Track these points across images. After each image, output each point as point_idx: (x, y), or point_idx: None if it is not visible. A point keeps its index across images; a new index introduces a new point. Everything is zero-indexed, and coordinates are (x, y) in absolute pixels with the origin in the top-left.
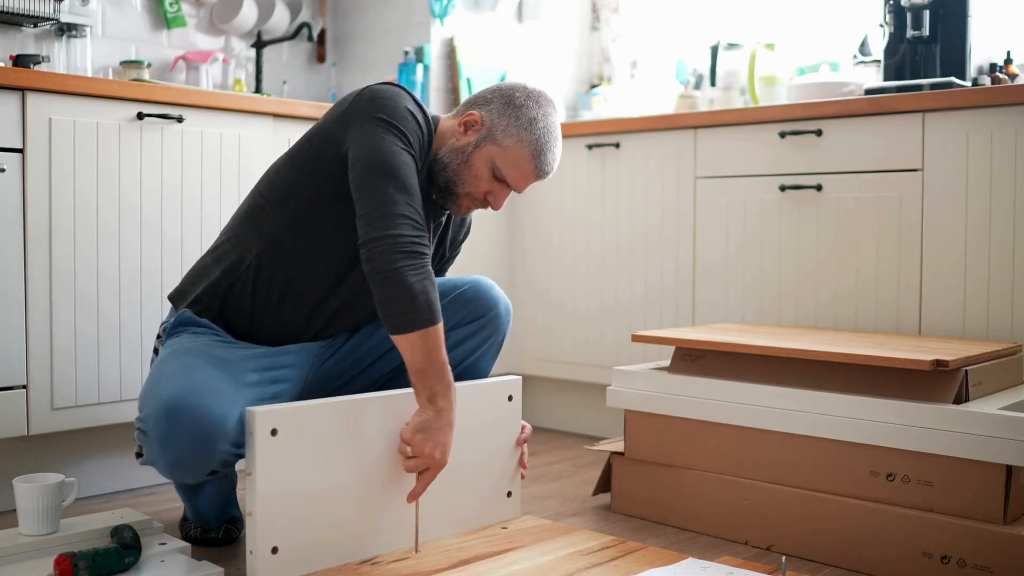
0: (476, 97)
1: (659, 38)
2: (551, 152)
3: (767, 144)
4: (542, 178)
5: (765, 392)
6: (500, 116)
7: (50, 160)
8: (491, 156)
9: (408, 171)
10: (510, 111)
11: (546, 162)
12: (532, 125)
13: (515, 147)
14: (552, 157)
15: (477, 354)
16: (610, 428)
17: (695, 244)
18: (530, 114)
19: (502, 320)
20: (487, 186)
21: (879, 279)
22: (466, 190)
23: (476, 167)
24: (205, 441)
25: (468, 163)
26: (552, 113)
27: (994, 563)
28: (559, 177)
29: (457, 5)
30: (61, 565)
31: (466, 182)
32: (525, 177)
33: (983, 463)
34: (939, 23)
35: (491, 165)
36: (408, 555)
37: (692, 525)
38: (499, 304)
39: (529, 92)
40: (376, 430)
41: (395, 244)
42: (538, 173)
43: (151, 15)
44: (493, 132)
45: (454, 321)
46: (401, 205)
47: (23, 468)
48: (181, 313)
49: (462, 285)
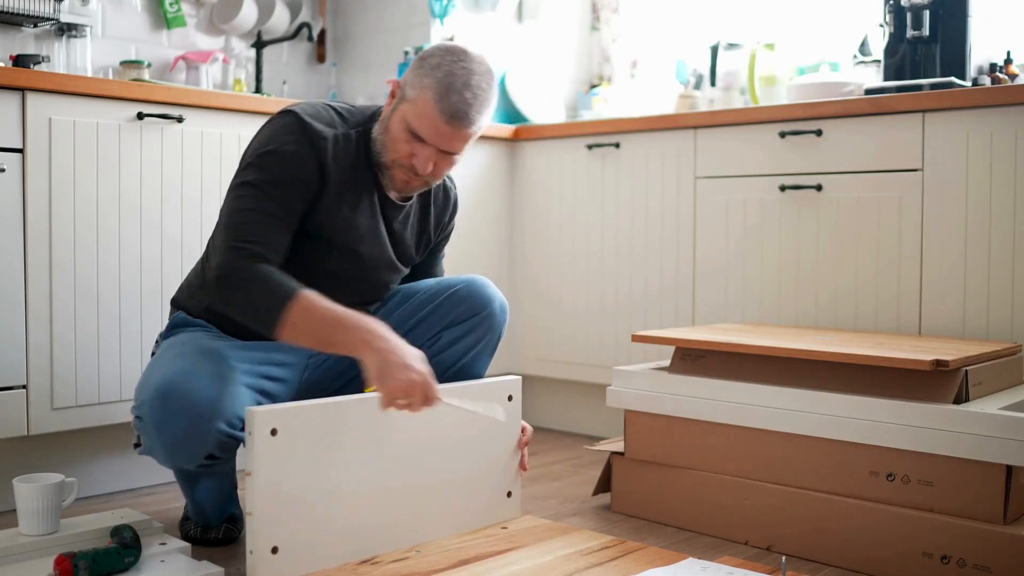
0: None
1: (659, 38)
2: (456, 94)
3: (767, 144)
4: (454, 125)
5: (765, 392)
6: (410, 72)
7: (50, 160)
8: (403, 114)
9: (233, 209)
10: (418, 66)
11: (450, 103)
12: (435, 71)
13: (419, 97)
14: (458, 99)
15: (471, 354)
16: (610, 428)
17: (695, 244)
18: (434, 62)
19: (496, 319)
20: (406, 147)
21: (879, 279)
22: (391, 158)
23: (393, 130)
24: (199, 420)
25: (387, 129)
26: (462, 60)
27: (994, 563)
28: (559, 177)
29: (457, 5)
30: (61, 565)
31: (388, 149)
32: (434, 125)
33: (983, 463)
34: (939, 23)
35: (405, 124)
36: (408, 555)
37: (692, 525)
38: (493, 302)
39: (444, 47)
40: (376, 430)
41: (211, 283)
42: (445, 117)
43: (151, 15)
44: (404, 90)
45: (447, 321)
46: (220, 240)
47: (23, 468)
48: (176, 315)
49: (456, 284)
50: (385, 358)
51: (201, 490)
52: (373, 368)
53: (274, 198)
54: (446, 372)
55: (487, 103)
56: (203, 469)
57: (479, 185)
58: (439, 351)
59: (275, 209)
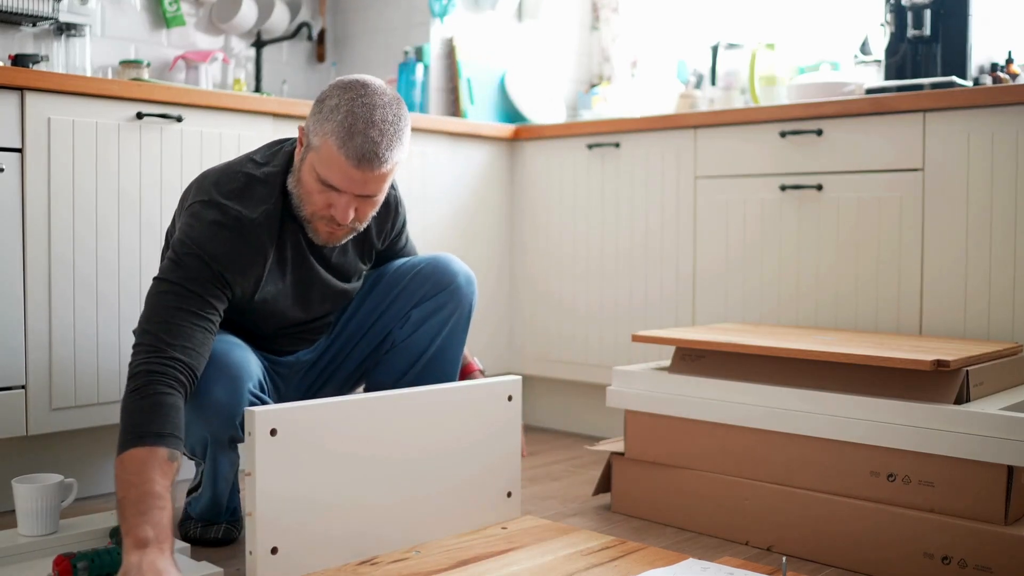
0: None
1: (659, 38)
2: (358, 135)
3: (767, 144)
4: (364, 168)
5: (765, 392)
6: (311, 118)
7: (49, 160)
8: (311, 164)
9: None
10: (317, 110)
11: (355, 146)
12: (333, 113)
13: (323, 144)
14: (362, 140)
15: (445, 331)
16: (610, 428)
17: (695, 244)
18: (332, 103)
19: (463, 291)
20: (321, 198)
21: (879, 279)
22: (309, 211)
23: (306, 182)
24: (235, 380)
25: (300, 181)
26: (364, 96)
27: (995, 564)
28: (559, 177)
29: (457, 5)
30: (60, 566)
31: (305, 202)
32: (344, 172)
33: (984, 463)
34: (940, 22)
35: (315, 174)
36: (408, 555)
37: (692, 525)
38: (458, 276)
39: (340, 84)
40: (376, 430)
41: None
42: (353, 162)
43: (150, 14)
44: (309, 139)
45: (415, 300)
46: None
47: (22, 468)
48: None
49: (419, 264)
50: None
51: (221, 480)
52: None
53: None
54: (421, 355)
55: (397, 136)
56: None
57: (479, 185)
58: (410, 332)
59: (198, 307)
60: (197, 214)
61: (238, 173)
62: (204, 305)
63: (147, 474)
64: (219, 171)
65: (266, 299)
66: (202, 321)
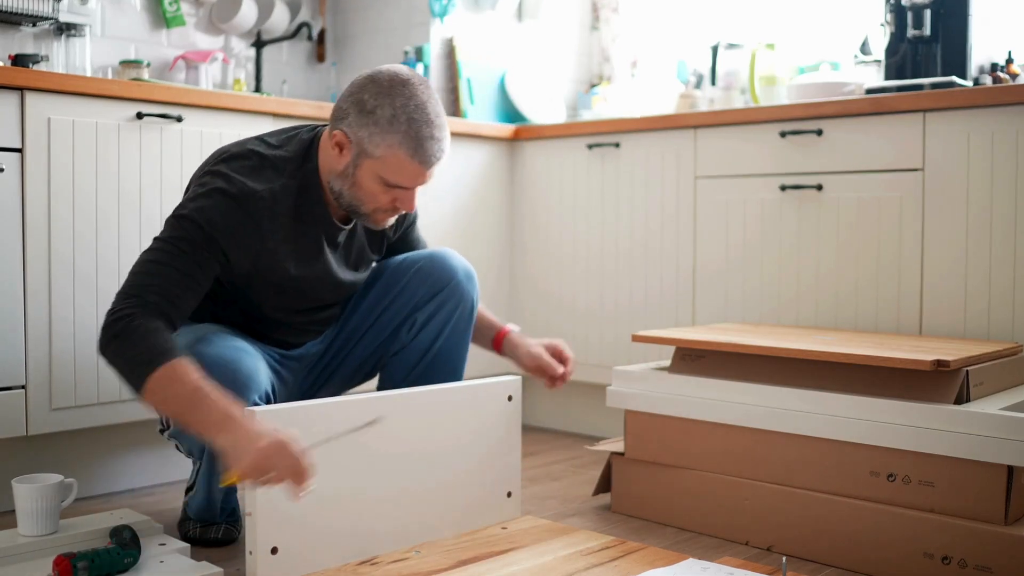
0: (335, 110)
1: (659, 38)
2: (430, 139)
3: (767, 144)
4: (433, 166)
5: (765, 392)
6: (361, 128)
7: (49, 160)
8: (373, 170)
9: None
10: (366, 119)
11: (428, 152)
12: (394, 124)
13: (389, 154)
14: (432, 144)
15: (448, 329)
16: (610, 428)
17: (695, 244)
18: (387, 113)
19: (464, 287)
20: (386, 196)
21: (879, 279)
22: (370, 207)
23: (366, 186)
24: (242, 388)
25: (357, 184)
26: (414, 95)
27: (995, 564)
28: (559, 177)
29: (457, 5)
30: (60, 565)
31: (365, 202)
32: (416, 176)
33: (984, 463)
34: (940, 22)
35: (378, 178)
36: (408, 555)
37: (692, 525)
38: (457, 272)
39: (379, 85)
40: (376, 430)
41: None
42: (427, 164)
43: (150, 14)
44: (362, 147)
45: (415, 300)
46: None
47: (22, 468)
48: None
49: (418, 261)
50: (235, 442)
51: (216, 480)
52: (226, 452)
53: (185, 256)
54: (425, 354)
55: (446, 123)
56: None
57: (479, 185)
58: (414, 335)
59: (183, 265)
60: (203, 183)
61: (250, 152)
62: (191, 265)
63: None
64: (231, 148)
65: (274, 280)
66: (187, 279)
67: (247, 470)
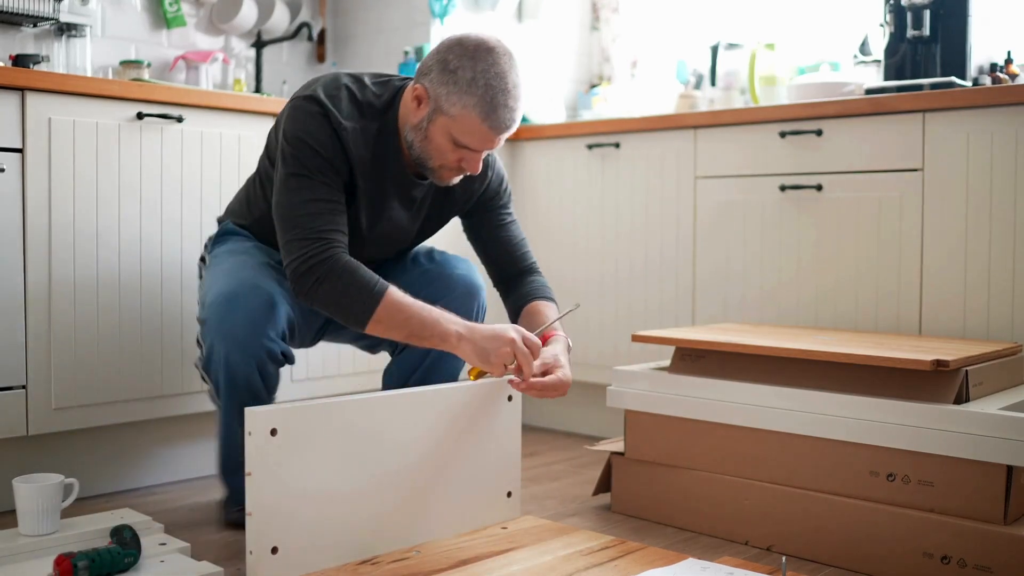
0: (421, 65)
1: (659, 38)
2: (503, 107)
3: (767, 144)
4: (503, 132)
5: (765, 392)
6: (441, 85)
7: (50, 160)
8: (446, 127)
9: (294, 201)
10: (447, 77)
11: (500, 119)
12: (472, 86)
13: (463, 114)
14: (505, 111)
15: None
16: (610, 428)
17: (695, 244)
18: (467, 75)
19: (462, 301)
20: (454, 155)
21: (879, 279)
22: (437, 163)
23: (436, 141)
24: (258, 318)
25: (428, 138)
26: (496, 63)
27: (995, 563)
28: (559, 177)
29: (457, 5)
30: (61, 565)
31: (433, 156)
32: (485, 139)
33: (983, 463)
34: (939, 23)
35: (449, 136)
36: (408, 555)
37: (692, 525)
38: (458, 284)
39: (465, 48)
40: (376, 430)
41: (293, 274)
42: (496, 130)
43: (151, 15)
44: (439, 103)
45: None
46: (288, 233)
47: (23, 468)
48: (224, 224)
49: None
50: (477, 345)
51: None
52: (473, 356)
53: (325, 184)
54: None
55: (524, 94)
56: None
57: None
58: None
59: (329, 194)
60: (300, 107)
61: (342, 87)
62: (332, 190)
63: (405, 305)
64: (325, 79)
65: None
66: (336, 204)
67: (499, 361)
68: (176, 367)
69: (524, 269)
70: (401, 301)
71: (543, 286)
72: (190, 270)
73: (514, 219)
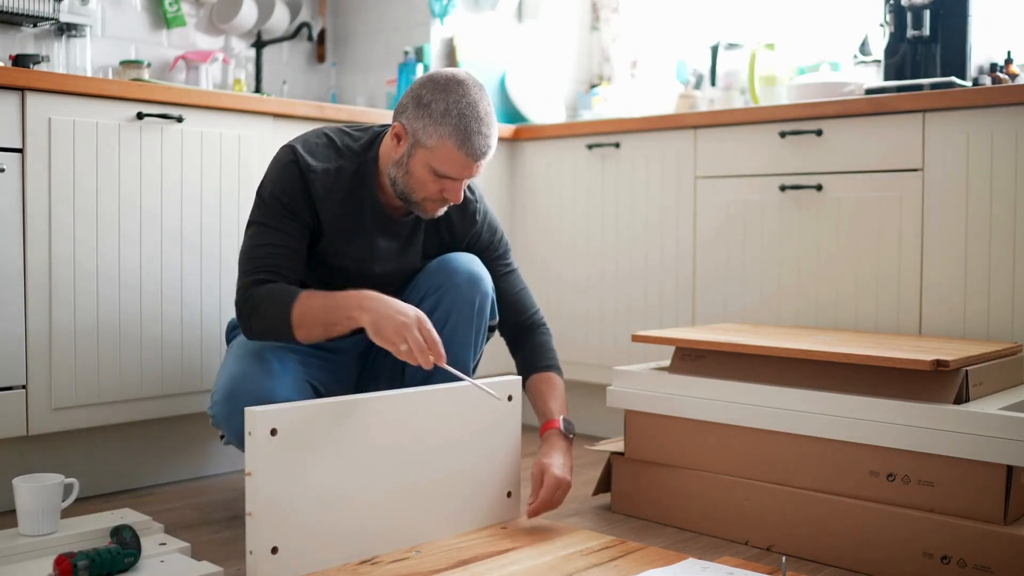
0: (398, 105)
1: (659, 38)
2: (477, 135)
3: (767, 144)
4: (480, 159)
5: (765, 392)
6: (417, 119)
7: (50, 160)
8: (425, 159)
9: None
10: (422, 112)
11: (475, 145)
12: (446, 116)
13: (440, 144)
14: (479, 139)
15: (446, 329)
16: (610, 428)
17: (695, 244)
18: (440, 107)
19: (462, 290)
20: (435, 185)
21: (879, 279)
22: (420, 196)
23: (417, 174)
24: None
25: (409, 173)
26: (466, 94)
27: (994, 563)
28: (559, 177)
29: (457, 5)
30: (61, 565)
31: (416, 190)
32: (463, 167)
33: (983, 463)
34: (939, 23)
35: (428, 167)
36: (408, 555)
37: (692, 525)
38: (457, 274)
39: (436, 83)
40: (376, 430)
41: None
42: (472, 157)
43: (151, 15)
44: (417, 137)
45: (421, 294)
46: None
47: (23, 468)
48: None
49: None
50: (375, 315)
51: None
52: (369, 326)
53: (278, 230)
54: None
55: (495, 123)
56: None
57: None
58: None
59: (280, 239)
60: (276, 158)
61: (322, 135)
62: (282, 235)
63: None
64: (311, 132)
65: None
66: (283, 248)
67: (388, 337)
68: (176, 367)
69: (528, 324)
70: (311, 296)
71: (547, 350)
72: (190, 270)
73: (513, 269)
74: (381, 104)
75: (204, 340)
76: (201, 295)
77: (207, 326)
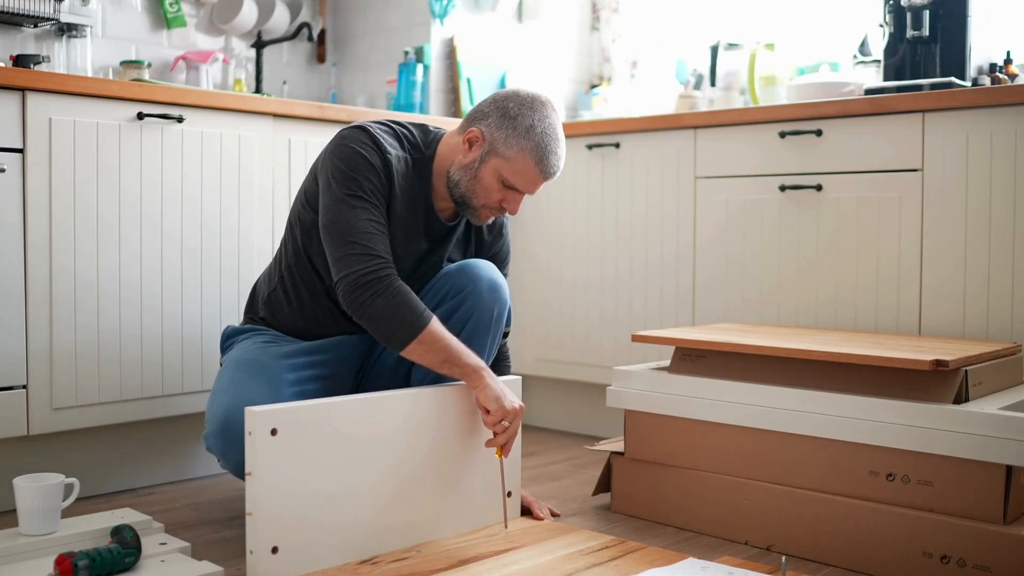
0: (475, 112)
1: (659, 38)
2: (553, 154)
3: (767, 144)
4: (549, 178)
5: (765, 392)
6: (499, 129)
7: (50, 160)
8: (497, 168)
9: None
10: (507, 122)
11: (550, 164)
12: (530, 132)
13: (518, 156)
14: (555, 159)
15: (467, 329)
16: (610, 428)
17: (695, 244)
18: (527, 122)
19: (483, 297)
20: (499, 195)
21: (879, 279)
22: (481, 202)
23: (485, 180)
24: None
25: (477, 178)
26: (549, 115)
27: (994, 563)
28: (559, 177)
29: (457, 5)
30: (61, 565)
31: (479, 195)
32: (533, 181)
33: (983, 463)
34: (939, 23)
35: (499, 176)
36: (408, 555)
37: (692, 525)
38: (480, 281)
39: (522, 99)
40: (376, 430)
41: (350, 285)
42: (545, 175)
43: (151, 15)
44: (495, 145)
45: (438, 299)
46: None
47: (23, 468)
48: (226, 328)
49: (450, 266)
50: (497, 386)
51: None
52: (488, 387)
53: (377, 208)
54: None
55: (565, 146)
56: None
57: None
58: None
59: (381, 217)
60: (350, 136)
61: (383, 123)
62: (381, 214)
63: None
64: (363, 121)
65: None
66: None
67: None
68: (176, 367)
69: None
70: (443, 330)
71: (504, 358)
72: (191, 270)
73: (505, 275)
74: (381, 104)
75: (204, 339)
76: (201, 292)
77: (207, 325)
